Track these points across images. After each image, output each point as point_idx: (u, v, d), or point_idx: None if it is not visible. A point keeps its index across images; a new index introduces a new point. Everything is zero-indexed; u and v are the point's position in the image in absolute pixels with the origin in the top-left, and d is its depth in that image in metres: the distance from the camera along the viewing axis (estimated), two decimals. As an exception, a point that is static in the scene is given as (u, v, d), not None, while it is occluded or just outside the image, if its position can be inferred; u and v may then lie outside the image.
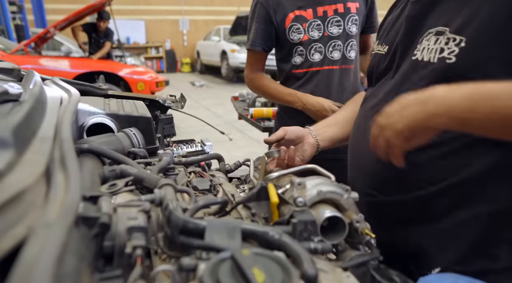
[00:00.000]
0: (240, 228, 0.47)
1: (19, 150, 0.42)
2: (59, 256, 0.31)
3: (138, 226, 0.47)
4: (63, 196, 0.40)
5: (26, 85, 0.76)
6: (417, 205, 0.70)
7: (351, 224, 0.60)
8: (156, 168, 0.70)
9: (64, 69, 5.04)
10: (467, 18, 0.61)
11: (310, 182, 0.62)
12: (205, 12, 13.41)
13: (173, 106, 1.34)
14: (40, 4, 9.66)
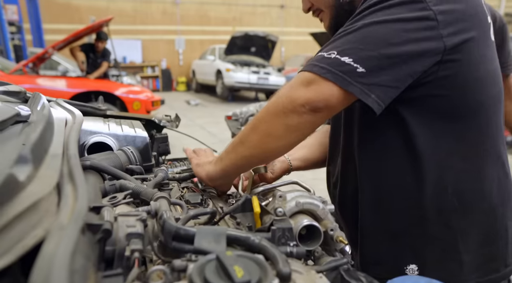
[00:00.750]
0: (225, 234, 0.54)
1: (35, 165, 0.49)
2: (72, 252, 0.38)
3: (136, 233, 0.53)
4: (73, 204, 0.47)
5: (33, 107, 0.84)
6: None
7: (326, 232, 0.67)
8: (151, 183, 0.77)
9: (61, 89, 5.12)
10: None
11: (290, 194, 0.69)
12: (200, 32, 13.70)
13: (168, 125, 1.41)
14: (38, 24, 9.83)
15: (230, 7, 13.83)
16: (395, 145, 0.73)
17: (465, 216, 0.73)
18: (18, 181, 0.43)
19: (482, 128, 0.72)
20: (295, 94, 0.67)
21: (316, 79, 0.65)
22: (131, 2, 12.46)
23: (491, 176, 0.74)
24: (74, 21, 11.53)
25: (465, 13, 0.66)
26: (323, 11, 0.87)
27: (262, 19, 14.00)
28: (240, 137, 0.75)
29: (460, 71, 0.67)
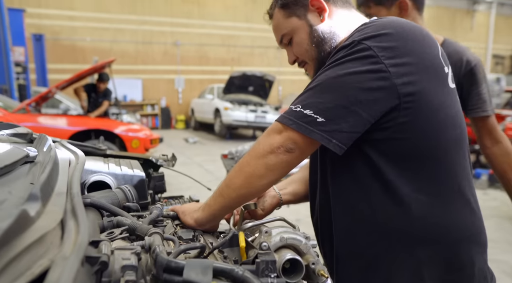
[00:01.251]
0: (212, 266, 0.59)
1: (43, 203, 0.55)
2: (73, 281, 0.44)
3: (130, 265, 0.58)
4: (75, 238, 0.53)
5: (40, 148, 0.91)
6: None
7: (308, 266, 0.72)
8: (147, 219, 0.83)
9: (62, 127, 5.23)
10: None
11: (275, 230, 0.75)
12: (200, 72, 14.13)
13: (164, 165, 1.48)
14: (43, 65, 10.17)
15: (229, 48, 14.38)
16: (363, 179, 0.81)
17: (430, 246, 0.78)
18: (29, 216, 0.49)
19: (445, 168, 0.79)
20: (271, 140, 0.78)
21: (285, 128, 0.78)
22: (133, 44, 12.96)
23: (455, 213, 0.80)
24: (78, 61, 11.94)
25: (417, 65, 0.75)
26: (308, 63, 0.98)
27: (259, 60, 14.51)
28: (226, 182, 0.84)
29: (419, 116, 0.76)
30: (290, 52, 1.00)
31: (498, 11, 20.55)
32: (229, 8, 14.05)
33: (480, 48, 20.50)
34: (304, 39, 0.94)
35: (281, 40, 1.00)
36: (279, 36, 1.00)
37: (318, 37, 0.93)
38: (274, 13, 0.99)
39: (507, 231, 3.97)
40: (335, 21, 0.93)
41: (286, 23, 0.96)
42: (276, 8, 0.97)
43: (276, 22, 0.99)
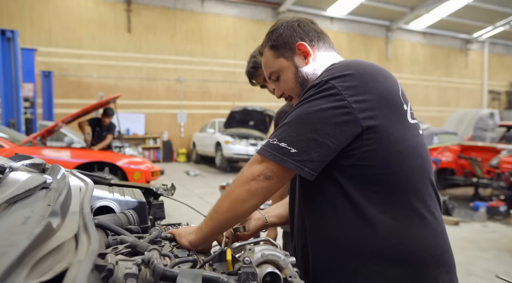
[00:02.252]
0: (202, 274, 0.69)
1: (62, 218, 0.66)
2: (88, 277, 0.54)
3: (132, 273, 0.68)
4: (87, 248, 0.64)
5: (54, 176, 1.03)
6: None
7: (286, 279, 0.81)
8: (147, 239, 0.93)
9: (66, 159, 5.36)
10: None
11: (258, 248, 0.85)
12: (202, 107, 14.47)
13: (164, 194, 1.58)
14: (50, 99, 10.50)
15: (230, 84, 14.82)
16: (335, 202, 0.92)
17: (398, 266, 0.87)
18: (52, 227, 0.60)
19: (409, 192, 0.90)
20: (253, 169, 0.91)
21: (264, 159, 0.90)
22: (138, 80, 13.39)
23: (419, 234, 0.90)
24: (83, 96, 12.32)
25: (377, 102, 0.88)
26: (294, 98, 1.12)
27: (260, 95, 14.90)
28: (215, 208, 0.96)
29: (381, 147, 0.88)
30: (277, 87, 1.13)
31: (490, 49, 21.27)
32: (231, 47, 14.64)
33: (476, 84, 21.00)
34: (290, 78, 1.07)
35: (269, 76, 1.13)
36: (268, 73, 1.12)
37: (303, 78, 1.07)
38: (264, 51, 1.11)
39: (506, 263, 3.96)
40: (318, 63, 1.07)
41: (275, 63, 1.08)
42: (267, 47, 1.10)
43: (266, 60, 1.11)
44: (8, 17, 11.44)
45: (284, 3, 14.84)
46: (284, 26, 1.08)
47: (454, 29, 19.13)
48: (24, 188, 0.79)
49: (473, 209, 6.13)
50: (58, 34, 12.17)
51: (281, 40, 1.07)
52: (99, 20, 12.73)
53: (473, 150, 7.18)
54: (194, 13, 14.13)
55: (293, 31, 1.08)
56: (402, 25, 17.80)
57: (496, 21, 18.47)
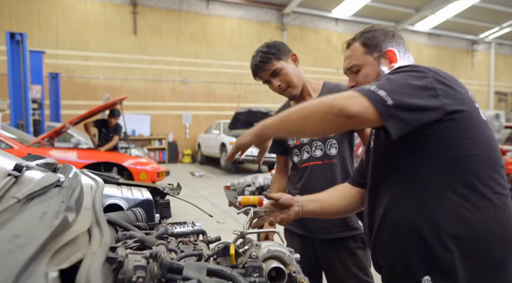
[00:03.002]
0: (206, 267, 0.74)
1: (76, 213, 0.71)
2: (102, 266, 0.59)
3: (141, 265, 0.73)
4: (100, 240, 0.68)
5: (66, 175, 1.08)
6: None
7: (290, 275, 0.85)
8: (154, 234, 0.98)
9: (73, 160, 5.45)
10: None
11: (264, 244, 0.90)
12: (207, 108, 14.55)
13: (170, 193, 1.63)
14: (57, 101, 10.64)
15: (235, 85, 14.89)
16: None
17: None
18: (68, 221, 0.65)
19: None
20: (339, 101, 0.92)
21: (358, 96, 0.92)
22: (144, 81, 13.51)
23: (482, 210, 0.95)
24: (90, 98, 12.45)
25: (463, 93, 0.98)
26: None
27: (265, 97, 14.96)
28: (286, 112, 1.03)
29: (456, 130, 0.95)
30: (351, 78, 1.23)
31: (497, 50, 21.11)
32: (235, 48, 14.71)
33: (482, 86, 20.87)
34: (372, 74, 1.18)
35: (349, 67, 1.22)
36: (350, 64, 1.22)
37: None
38: (353, 44, 1.22)
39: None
40: None
41: (362, 58, 1.19)
42: (358, 42, 1.21)
43: (353, 53, 1.21)
44: (16, 20, 11.61)
45: (289, 4, 14.89)
46: (381, 31, 1.21)
47: (460, 30, 19.05)
48: (40, 186, 0.84)
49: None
50: (65, 37, 12.32)
51: (375, 41, 1.19)
52: (105, 23, 12.87)
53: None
54: (199, 15, 14.23)
55: (387, 37, 1.21)
56: (407, 26, 17.76)
57: (503, 22, 18.36)
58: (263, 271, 0.82)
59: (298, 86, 1.71)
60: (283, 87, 1.70)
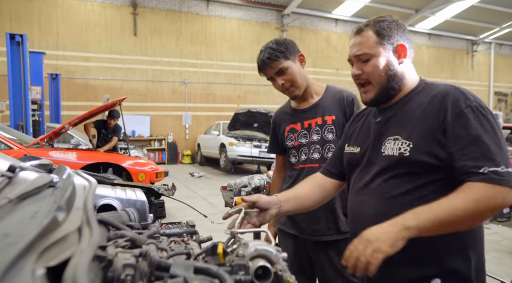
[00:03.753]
0: (193, 265, 0.76)
1: (67, 213, 0.73)
2: (89, 264, 0.61)
3: (130, 263, 0.75)
4: (89, 239, 0.70)
5: (60, 175, 1.10)
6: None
7: (276, 273, 0.87)
8: (145, 234, 1.00)
9: (72, 161, 5.47)
10: (411, 132, 1.11)
11: (252, 243, 0.91)
12: (207, 109, 14.57)
13: (165, 193, 1.66)
14: (57, 102, 10.67)
15: (235, 86, 14.91)
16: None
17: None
18: (58, 220, 0.67)
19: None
20: (504, 200, 0.96)
21: (503, 191, 0.96)
22: (144, 82, 13.54)
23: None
24: (90, 99, 12.48)
25: None
26: (371, 84, 1.18)
27: (265, 97, 14.98)
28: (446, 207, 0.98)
29: None
30: (358, 67, 1.19)
31: (496, 51, 21.11)
32: (235, 49, 14.74)
33: (482, 86, 20.87)
34: (381, 65, 1.15)
35: (358, 55, 1.17)
36: (358, 51, 1.17)
37: (393, 73, 1.17)
38: (365, 31, 1.17)
39: (506, 265, 3.98)
40: (405, 68, 1.19)
41: (373, 47, 1.15)
42: (371, 30, 1.16)
43: (364, 40, 1.16)
44: (17, 21, 11.65)
45: (289, 5, 14.91)
46: (395, 22, 1.18)
47: (459, 31, 19.06)
48: (32, 186, 0.87)
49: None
50: (65, 38, 12.36)
51: (389, 31, 1.15)
52: (105, 24, 12.91)
53: (477, 151, 7.15)
54: (199, 16, 14.26)
55: (401, 31, 1.18)
56: (407, 26, 17.61)
57: (503, 23, 18.37)
58: (250, 270, 0.84)
59: (301, 87, 1.73)
60: (286, 86, 1.71)
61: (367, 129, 1.28)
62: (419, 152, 1.07)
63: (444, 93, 1.10)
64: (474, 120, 1.02)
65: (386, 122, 1.20)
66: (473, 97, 1.07)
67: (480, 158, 0.98)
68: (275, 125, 1.90)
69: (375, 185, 1.17)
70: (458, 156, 1.01)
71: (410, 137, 1.10)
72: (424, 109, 1.12)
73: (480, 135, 1.00)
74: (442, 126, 1.05)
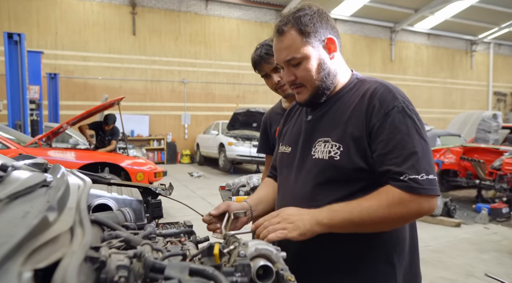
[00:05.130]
0: (188, 267, 0.74)
1: (59, 213, 0.71)
2: (79, 267, 0.59)
3: (124, 265, 0.73)
4: (81, 240, 0.69)
5: (54, 175, 1.08)
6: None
7: (277, 272, 0.86)
8: (141, 234, 0.98)
9: (70, 160, 5.45)
10: (340, 134, 1.04)
11: (251, 243, 0.90)
12: (205, 108, 14.55)
13: (162, 193, 1.63)
14: (56, 101, 10.63)
15: (234, 86, 14.89)
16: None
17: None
18: (49, 220, 0.65)
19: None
20: (423, 208, 0.98)
21: (430, 199, 0.98)
22: (143, 82, 13.51)
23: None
24: (88, 98, 12.45)
25: None
26: (305, 87, 1.10)
27: (264, 97, 14.96)
28: (364, 206, 0.97)
29: None
30: (290, 72, 1.09)
31: (496, 51, 21.13)
32: (234, 49, 14.72)
33: (481, 86, 20.89)
34: (313, 67, 1.06)
35: (288, 60, 1.06)
36: (288, 56, 1.05)
37: (327, 72, 1.08)
38: (287, 31, 1.04)
39: (506, 265, 3.97)
40: (336, 62, 1.11)
41: (301, 48, 1.04)
42: (293, 29, 1.04)
43: (290, 43, 1.04)
44: (15, 21, 11.61)
45: (288, 5, 14.89)
46: (316, 13, 1.06)
47: (459, 31, 19.07)
48: (24, 185, 0.85)
49: (476, 210, 6.11)
50: (64, 37, 12.32)
51: (313, 27, 1.04)
52: (104, 23, 12.87)
53: (476, 151, 7.16)
54: (198, 16, 14.23)
55: (325, 21, 1.07)
56: (406, 26, 17.77)
57: (502, 22, 18.38)
58: (251, 269, 0.82)
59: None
60: (281, 83, 1.70)
61: (299, 128, 1.21)
62: (350, 155, 1.02)
63: (372, 92, 1.04)
64: (400, 123, 0.98)
65: (316, 122, 1.14)
66: (401, 96, 1.03)
67: (402, 164, 0.95)
68: (265, 125, 1.89)
69: (306, 190, 1.10)
70: (381, 160, 0.99)
71: (340, 140, 1.04)
72: (353, 109, 1.05)
73: (403, 140, 0.97)
74: (369, 128, 1.01)
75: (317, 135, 1.11)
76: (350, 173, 1.02)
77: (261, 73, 1.74)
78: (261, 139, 1.93)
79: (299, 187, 1.13)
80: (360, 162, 1.01)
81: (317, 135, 1.11)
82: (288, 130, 1.28)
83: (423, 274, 1.21)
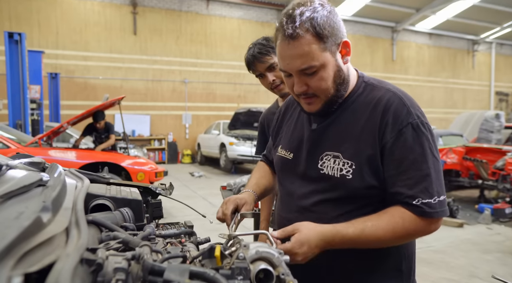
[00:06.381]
0: (188, 269, 0.71)
1: (53, 214, 0.68)
2: (73, 270, 0.56)
3: (121, 267, 0.70)
4: (76, 242, 0.66)
5: (51, 174, 1.06)
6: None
7: (279, 277, 0.83)
8: (140, 235, 0.95)
9: (71, 160, 5.43)
10: (352, 150, 1.00)
11: (252, 245, 0.87)
12: (207, 108, 14.53)
13: (162, 193, 1.61)
14: (56, 101, 10.62)
15: (235, 86, 14.86)
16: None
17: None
18: (42, 221, 0.62)
19: None
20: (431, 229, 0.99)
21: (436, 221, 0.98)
22: (144, 82, 13.49)
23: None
24: (89, 98, 12.43)
25: None
26: (318, 97, 0.99)
27: (265, 97, 14.92)
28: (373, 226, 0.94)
29: None
30: (301, 81, 0.96)
31: (497, 50, 21.06)
32: (235, 48, 14.68)
33: (483, 86, 20.82)
34: (330, 76, 0.95)
35: (303, 69, 0.92)
36: (303, 64, 0.91)
37: (342, 80, 0.98)
38: (302, 36, 0.88)
39: (509, 266, 3.93)
40: (348, 67, 1.02)
41: (320, 56, 0.91)
42: (309, 34, 0.88)
43: (307, 50, 0.89)
44: (16, 20, 11.60)
45: (289, 4, 14.85)
46: (330, 12, 0.91)
47: (460, 30, 19.00)
48: (19, 185, 0.82)
49: (478, 211, 6.07)
50: (65, 37, 12.31)
51: (330, 29, 0.90)
52: (105, 23, 12.86)
53: (479, 151, 7.12)
54: (199, 15, 14.21)
55: (338, 21, 0.93)
56: (408, 26, 17.71)
57: (504, 22, 18.30)
58: (251, 273, 0.79)
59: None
60: (276, 82, 1.67)
61: (301, 134, 1.13)
62: (362, 174, 0.97)
63: (385, 105, 0.97)
64: (414, 143, 0.94)
65: (323, 132, 1.06)
66: (414, 110, 0.97)
67: (414, 186, 0.93)
68: (263, 126, 1.87)
69: (312, 203, 1.06)
70: (393, 181, 0.96)
71: (352, 158, 0.98)
72: (365, 123, 0.99)
73: (417, 161, 0.94)
74: (381, 144, 0.96)
75: (324, 147, 1.05)
76: (361, 190, 0.99)
77: (255, 73, 1.72)
78: (259, 140, 1.91)
79: (305, 200, 1.08)
80: (372, 180, 0.98)
81: (324, 148, 1.05)
82: (287, 131, 1.22)
83: (426, 274, 1.24)
